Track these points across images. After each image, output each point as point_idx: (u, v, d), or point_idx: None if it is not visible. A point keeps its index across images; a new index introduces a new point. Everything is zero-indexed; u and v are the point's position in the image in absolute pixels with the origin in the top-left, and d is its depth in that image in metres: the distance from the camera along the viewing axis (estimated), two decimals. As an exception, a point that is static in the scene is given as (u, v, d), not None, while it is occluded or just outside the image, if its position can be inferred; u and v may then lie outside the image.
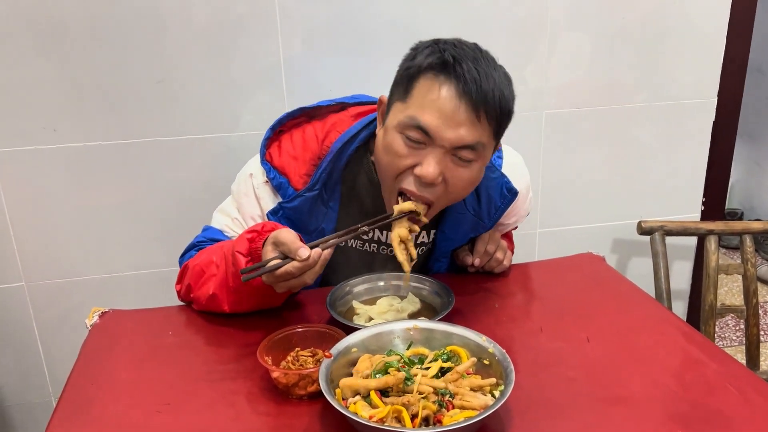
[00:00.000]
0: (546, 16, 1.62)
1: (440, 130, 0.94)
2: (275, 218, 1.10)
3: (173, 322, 1.12)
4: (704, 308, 1.66)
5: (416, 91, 0.95)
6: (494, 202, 1.16)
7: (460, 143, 0.95)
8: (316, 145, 1.11)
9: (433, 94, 0.93)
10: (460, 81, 0.92)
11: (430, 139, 0.95)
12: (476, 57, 0.95)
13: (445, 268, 1.25)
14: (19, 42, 1.40)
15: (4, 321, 1.61)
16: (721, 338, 2.56)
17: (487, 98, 0.93)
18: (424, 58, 0.95)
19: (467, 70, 0.92)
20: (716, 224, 1.68)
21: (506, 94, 0.96)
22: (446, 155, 0.97)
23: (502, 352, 0.85)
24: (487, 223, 1.19)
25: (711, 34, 1.72)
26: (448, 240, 1.20)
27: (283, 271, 0.92)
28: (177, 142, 1.54)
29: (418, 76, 0.95)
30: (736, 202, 3.51)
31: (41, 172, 1.50)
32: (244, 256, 0.98)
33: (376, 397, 0.79)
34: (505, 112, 0.98)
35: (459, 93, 0.92)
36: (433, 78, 0.94)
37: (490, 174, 1.14)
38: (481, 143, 0.97)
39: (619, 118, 1.75)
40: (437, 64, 0.94)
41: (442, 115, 0.93)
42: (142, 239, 1.60)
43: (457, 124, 0.93)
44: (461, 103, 0.92)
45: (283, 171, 1.11)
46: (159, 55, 1.46)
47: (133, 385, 0.93)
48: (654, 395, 0.87)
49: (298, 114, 1.16)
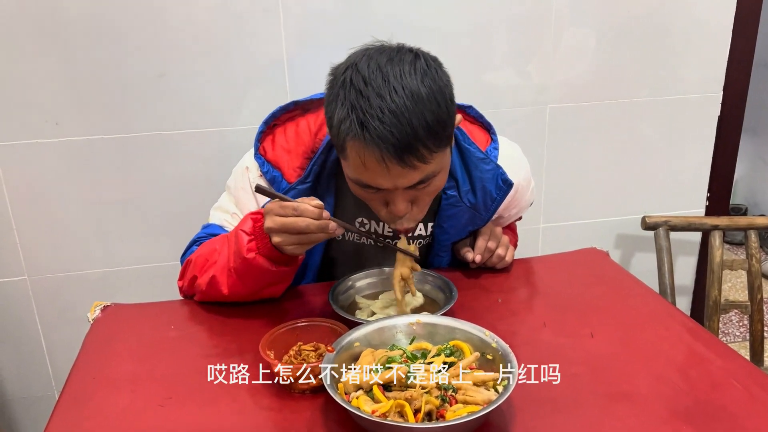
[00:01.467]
0: (550, 11, 1.61)
1: (385, 184, 0.94)
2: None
3: (175, 316, 1.11)
4: (708, 304, 1.65)
5: (347, 155, 0.94)
6: (490, 194, 1.15)
7: (411, 184, 0.95)
8: (309, 138, 1.11)
9: (362, 160, 0.92)
10: (375, 147, 0.88)
11: (383, 189, 0.96)
12: (382, 102, 0.87)
13: (446, 262, 1.25)
14: (21, 37, 1.39)
15: (7, 315, 1.61)
16: (725, 334, 2.55)
17: (409, 146, 0.88)
18: (338, 123, 0.91)
19: (377, 134, 0.87)
20: (721, 220, 1.67)
21: (429, 116, 0.89)
22: (407, 190, 0.96)
23: (506, 347, 0.85)
24: (485, 215, 1.18)
25: (717, 28, 1.71)
26: (446, 234, 1.19)
27: (288, 204, 0.91)
28: (179, 136, 1.53)
29: (342, 141, 0.93)
30: (740, 197, 3.50)
31: (43, 166, 1.50)
32: (247, 235, 0.98)
33: (378, 391, 0.79)
34: (437, 130, 0.91)
35: (380, 156, 0.89)
36: (354, 145, 0.91)
37: (485, 166, 1.13)
38: (431, 172, 0.95)
39: (624, 112, 1.74)
40: (351, 134, 0.90)
41: (381, 174, 0.92)
42: (144, 233, 1.60)
43: (396, 175, 0.92)
44: (387, 162, 0.90)
45: (277, 164, 1.11)
46: (160, 49, 1.45)
47: (135, 379, 0.93)
48: (658, 391, 0.86)
49: (291, 107, 1.16)
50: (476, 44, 1.60)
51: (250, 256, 0.98)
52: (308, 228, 0.91)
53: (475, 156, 1.13)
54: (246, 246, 0.98)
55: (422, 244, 1.23)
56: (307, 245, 0.96)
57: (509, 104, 1.67)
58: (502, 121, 1.65)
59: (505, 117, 1.67)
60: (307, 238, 0.94)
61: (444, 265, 1.25)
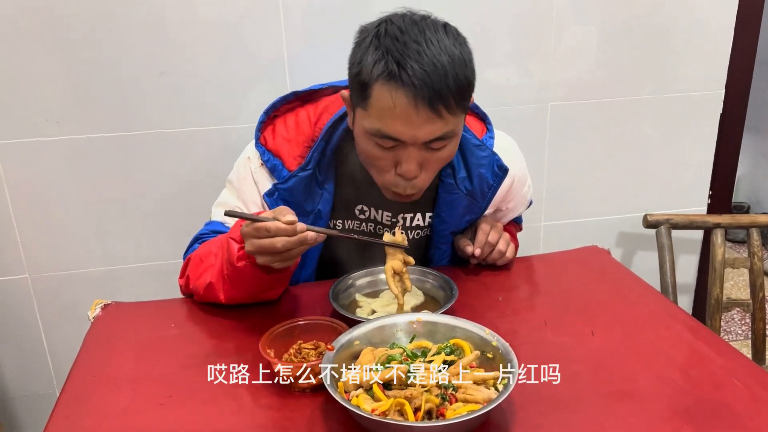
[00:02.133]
0: (552, 9, 1.60)
1: (406, 134, 0.94)
2: (271, 200, 1.11)
3: (175, 314, 1.11)
4: (710, 302, 1.65)
5: (373, 101, 0.94)
6: (486, 181, 1.16)
7: (430, 138, 0.95)
8: (309, 127, 1.12)
9: (388, 103, 0.92)
10: (410, 87, 0.90)
11: (401, 142, 0.96)
12: (420, 47, 0.91)
13: (447, 257, 1.25)
14: (22, 35, 1.39)
15: (8, 313, 1.61)
16: (727, 332, 2.55)
17: (441, 93, 0.91)
18: (371, 65, 0.92)
19: (414, 74, 0.89)
20: (723, 218, 1.66)
21: (460, 73, 0.93)
22: (420, 149, 0.97)
23: (506, 345, 0.84)
24: (482, 203, 1.19)
25: (719, 26, 1.70)
26: (444, 223, 1.19)
27: (261, 225, 0.90)
28: (180, 135, 1.53)
29: (370, 85, 0.93)
30: (742, 195, 3.49)
31: (44, 164, 1.50)
32: (237, 243, 0.98)
33: (378, 390, 0.79)
34: (464, 90, 0.95)
35: (413, 98, 0.90)
36: (384, 87, 0.92)
37: (480, 153, 1.14)
38: (451, 131, 0.97)
39: (626, 110, 1.74)
40: (384, 74, 0.91)
41: (404, 121, 0.93)
42: (145, 231, 1.60)
43: (421, 125, 0.93)
44: (418, 106, 0.91)
45: (277, 153, 1.12)
46: (161, 47, 1.45)
47: (135, 377, 0.93)
48: (659, 389, 0.86)
49: (291, 98, 1.17)
50: (477, 42, 1.57)
51: (240, 265, 0.98)
52: (286, 247, 0.90)
53: (471, 143, 1.14)
54: (236, 254, 0.98)
55: (421, 236, 1.22)
56: (292, 259, 0.95)
57: (511, 102, 1.67)
58: (504, 119, 1.65)
59: (506, 115, 1.66)
60: (289, 254, 0.93)
61: (445, 259, 1.25)
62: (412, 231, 1.21)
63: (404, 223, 1.20)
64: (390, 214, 1.18)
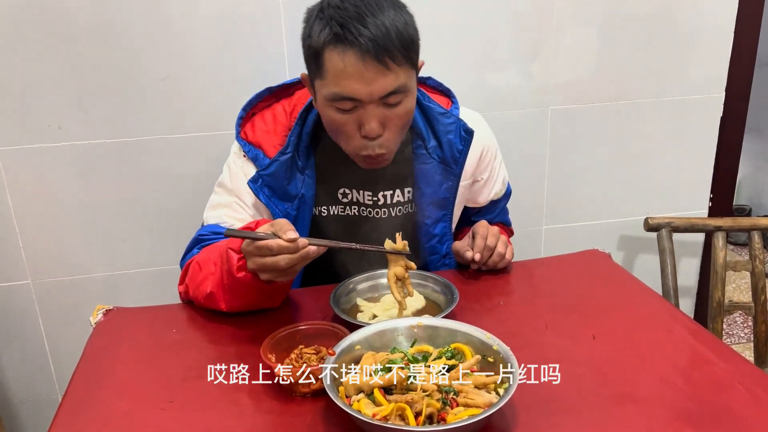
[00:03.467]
0: (552, 11, 1.60)
1: (361, 91, 1.00)
2: (255, 186, 1.15)
3: (177, 319, 1.12)
4: (712, 305, 1.65)
5: (326, 68, 1.01)
6: (455, 146, 1.21)
7: (384, 92, 1.01)
8: (285, 118, 1.19)
9: (339, 65, 0.99)
10: (355, 45, 0.97)
11: (358, 101, 1.02)
12: (359, 10, 0.98)
13: (433, 237, 1.26)
14: (25, 41, 1.40)
15: (11, 318, 1.62)
16: (729, 335, 2.54)
17: (386, 47, 0.98)
18: (318, 35, 1.00)
19: (357, 33, 0.97)
20: (724, 221, 1.66)
21: (401, 27, 1.00)
22: (379, 106, 1.03)
23: (507, 349, 0.84)
24: (455, 169, 1.22)
25: (719, 29, 1.71)
26: (423, 195, 1.22)
27: (263, 244, 0.92)
28: (182, 140, 1.53)
29: (321, 53, 1.00)
30: (744, 198, 3.49)
31: (47, 169, 1.50)
32: (236, 253, 0.99)
33: (379, 394, 0.79)
34: (408, 43, 1.02)
35: (360, 55, 0.97)
36: (333, 51, 0.99)
37: (446, 120, 1.20)
38: (403, 84, 1.02)
39: (626, 113, 1.74)
40: (331, 39, 0.99)
41: (356, 79, 0.99)
42: (147, 237, 1.61)
43: (372, 80, 0.99)
44: (366, 61, 0.98)
45: (258, 144, 1.18)
46: (163, 53, 1.46)
47: (137, 383, 0.93)
48: (662, 393, 0.86)
49: (266, 95, 1.23)
50: (478, 45, 1.61)
51: (240, 275, 0.98)
52: (289, 264, 0.92)
53: (436, 111, 1.20)
54: (236, 265, 0.98)
55: (404, 212, 1.24)
56: (294, 273, 0.97)
57: (511, 106, 1.67)
58: (505, 123, 1.66)
59: (507, 119, 1.67)
60: (292, 270, 0.94)
61: (433, 239, 1.26)
62: (395, 208, 1.24)
63: (385, 200, 1.23)
64: (370, 193, 1.22)
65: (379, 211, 1.22)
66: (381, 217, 1.23)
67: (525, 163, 1.73)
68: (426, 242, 1.26)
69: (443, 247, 1.27)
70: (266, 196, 1.15)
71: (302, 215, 1.19)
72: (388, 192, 1.22)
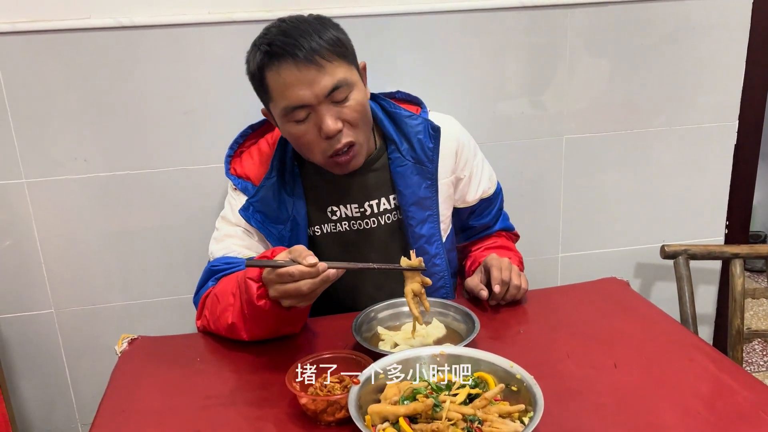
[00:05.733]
0: (565, 42, 1.63)
1: (306, 95, 1.07)
2: (247, 214, 1.20)
3: (200, 348, 1.13)
4: (731, 333, 1.64)
5: (270, 87, 1.09)
6: (426, 144, 1.24)
7: (327, 90, 1.07)
8: (269, 149, 1.26)
9: (279, 80, 1.07)
10: (286, 56, 1.05)
11: (308, 106, 1.08)
12: (281, 28, 1.08)
13: (421, 239, 1.27)
14: (52, 77, 1.44)
15: (34, 348, 1.63)
16: (749, 363, 2.51)
17: (312, 47, 1.05)
18: (254, 62, 1.10)
19: (282, 44, 1.05)
20: (741, 248, 1.66)
21: (324, 30, 1.08)
22: (329, 105, 1.09)
23: (530, 378, 0.85)
24: (431, 167, 1.25)
25: (730, 56, 1.72)
26: (406, 197, 1.25)
27: (284, 271, 0.94)
28: (202, 171, 1.57)
29: (262, 77, 1.09)
30: (759, 224, 3.46)
31: (71, 201, 1.54)
32: (255, 282, 1.01)
33: (405, 423, 0.79)
34: (335, 41, 1.08)
35: (293, 63, 1.05)
36: (270, 70, 1.08)
37: (412, 122, 1.25)
38: (342, 78, 1.08)
39: (640, 142, 1.75)
40: (264, 60, 1.08)
41: (298, 86, 1.06)
42: (168, 266, 1.63)
43: (312, 81, 1.06)
44: (299, 67, 1.05)
45: (246, 177, 1.26)
46: (185, 88, 1.50)
47: (163, 411, 0.94)
48: (685, 423, 0.86)
49: (249, 133, 1.32)
50: (490, 74, 1.63)
51: (261, 303, 1.00)
52: (311, 289, 0.94)
53: (403, 116, 1.26)
54: (256, 293, 1.00)
55: (392, 220, 1.27)
56: (315, 297, 0.99)
57: (525, 135, 1.69)
58: (519, 152, 1.68)
59: (522, 148, 1.68)
60: (314, 294, 0.97)
61: (419, 239, 1.27)
62: (383, 216, 1.27)
63: (372, 210, 1.25)
64: (356, 205, 1.25)
65: (368, 221, 1.26)
66: (371, 227, 1.26)
67: (540, 192, 1.74)
68: (414, 244, 1.27)
69: (432, 247, 1.29)
70: (258, 222, 1.20)
71: (297, 236, 1.23)
72: (374, 201, 1.26)
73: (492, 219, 1.41)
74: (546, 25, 1.61)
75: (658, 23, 1.66)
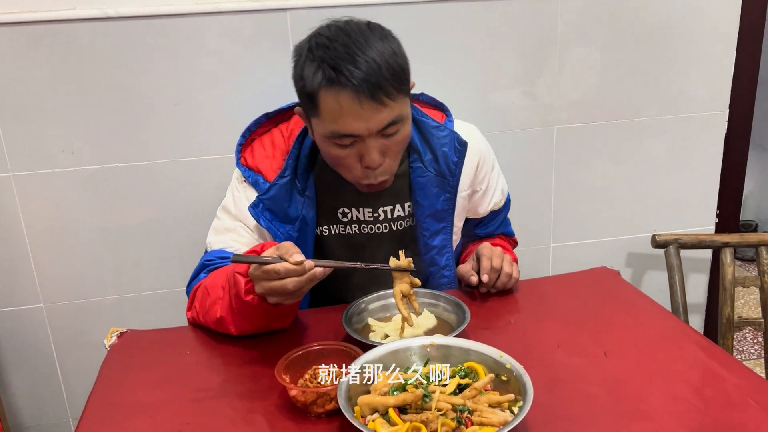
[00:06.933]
0: (555, 32, 1.63)
1: (359, 129, 1.02)
2: (256, 211, 1.16)
3: (190, 341, 1.12)
4: (722, 321, 1.65)
5: (321, 107, 1.03)
6: (450, 157, 1.22)
7: (382, 126, 1.03)
8: (283, 142, 1.21)
9: (335, 106, 1.01)
10: (349, 86, 0.99)
11: (357, 137, 1.04)
12: (349, 50, 0.99)
13: (433, 248, 1.26)
14: (38, 68, 1.43)
15: (23, 343, 1.63)
16: (739, 351, 2.53)
17: (379, 84, 0.99)
18: (311, 78, 1.02)
19: (351, 74, 0.98)
20: (731, 237, 1.67)
21: (390, 60, 1.01)
22: (378, 138, 1.05)
23: (520, 367, 0.85)
24: (452, 181, 1.23)
25: (721, 46, 1.73)
26: (422, 207, 1.23)
27: (270, 268, 0.93)
28: (192, 163, 1.55)
29: (316, 95, 1.02)
30: (750, 213, 3.49)
31: (59, 194, 1.52)
32: (243, 277, 1.00)
33: (394, 414, 0.79)
34: (399, 76, 1.03)
35: (355, 95, 0.99)
36: (328, 92, 1.01)
37: (440, 133, 1.21)
38: (398, 114, 1.04)
39: (631, 132, 1.75)
40: (324, 80, 1.00)
41: (353, 118, 1.01)
42: (159, 260, 1.62)
43: (369, 117, 1.01)
44: (362, 101, 0.99)
45: (257, 170, 1.20)
46: (174, 78, 1.48)
47: (153, 405, 0.93)
48: (675, 410, 0.86)
49: (263, 121, 1.25)
50: (481, 65, 1.63)
51: (248, 299, 0.99)
52: (297, 287, 0.93)
53: (430, 125, 1.21)
54: (244, 288, 0.99)
55: (404, 227, 1.26)
56: (302, 295, 0.98)
57: (516, 125, 1.69)
58: (510, 143, 1.68)
59: (512, 138, 1.68)
60: (300, 292, 0.96)
61: (431, 250, 1.26)
62: (395, 222, 1.25)
63: (386, 216, 1.24)
64: (370, 209, 1.23)
65: (380, 226, 1.24)
66: (382, 232, 1.25)
67: (531, 182, 1.74)
68: (425, 254, 1.27)
69: (442, 258, 1.28)
70: (267, 220, 1.16)
71: (304, 236, 1.20)
72: (388, 207, 1.24)
73: (496, 227, 1.41)
74: (537, 16, 1.60)
75: (649, 13, 1.66)
